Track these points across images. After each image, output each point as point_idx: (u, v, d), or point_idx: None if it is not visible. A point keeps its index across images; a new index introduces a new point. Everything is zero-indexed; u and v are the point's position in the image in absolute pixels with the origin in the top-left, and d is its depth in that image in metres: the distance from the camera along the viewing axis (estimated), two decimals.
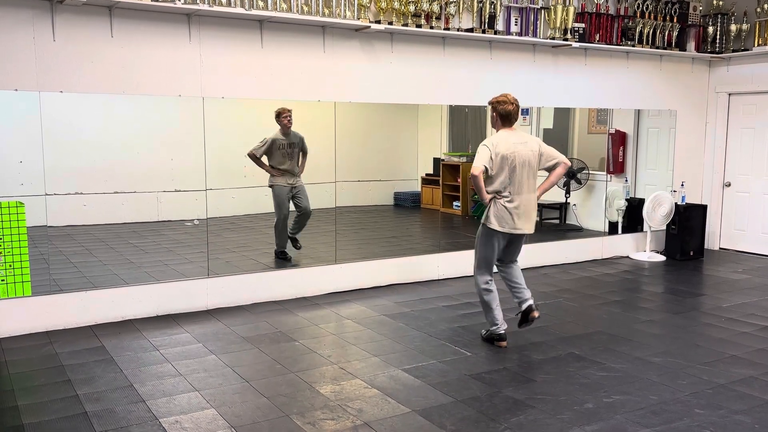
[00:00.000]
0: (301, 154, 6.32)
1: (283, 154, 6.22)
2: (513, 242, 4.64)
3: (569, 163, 4.63)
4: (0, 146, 5.11)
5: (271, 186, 6.23)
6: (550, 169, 4.60)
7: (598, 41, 7.10)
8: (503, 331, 4.60)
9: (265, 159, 6.19)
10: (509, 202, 4.48)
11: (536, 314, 4.65)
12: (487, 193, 4.51)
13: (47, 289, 4.89)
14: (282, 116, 6.13)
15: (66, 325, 4.90)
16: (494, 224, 4.49)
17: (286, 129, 6.18)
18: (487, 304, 4.62)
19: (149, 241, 6.30)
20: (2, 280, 4.72)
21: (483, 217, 4.58)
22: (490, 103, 4.62)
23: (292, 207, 6.33)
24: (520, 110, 4.63)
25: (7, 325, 4.70)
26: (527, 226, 4.56)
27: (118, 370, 4.06)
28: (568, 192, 8.09)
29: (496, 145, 4.47)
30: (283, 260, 6.25)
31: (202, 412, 3.47)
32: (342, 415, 3.46)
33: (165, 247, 6.26)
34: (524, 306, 4.65)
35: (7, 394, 3.71)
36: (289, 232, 6.36)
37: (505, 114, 4.54)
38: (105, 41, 4.88)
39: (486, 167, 4.44)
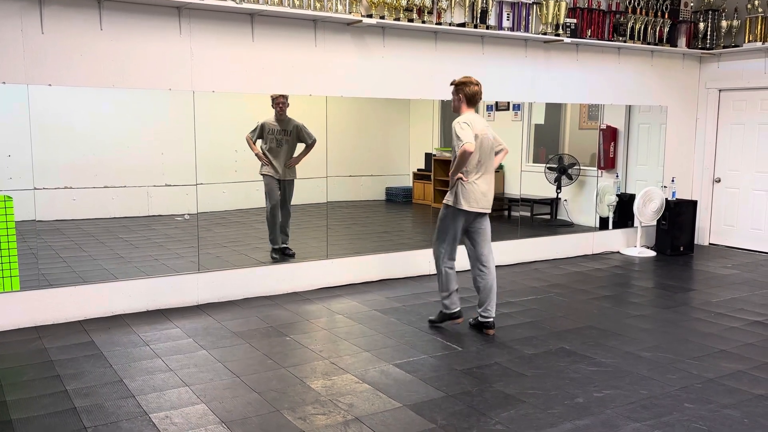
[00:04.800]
0: (304, 145, 6.15)
1: (272, 140, 6.07)
2: (479, 223, 4.71)
3: (509, 151, 4.89)
4: None
5: (262, 175, 6.15)
6: (495, 153, 4.78)
7: (589, 37, 7.11)
8: (457, 309, 4.75)
9: (260, 145, 6.11)
10: (479, 182, 4.60)
11: (492, 332, 4.74)
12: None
13: (36, 284, 4.86)
14: (275, 101, 5.98)
15: (55, 320, 4.87)
16: (464, 205, 4.59)
17: (279, 115, 6.02)
18: (447, 285, 4.73)
19: (139, 235, 6.27)
20: None
21: (450, 199, 4.64)
22: (454, 84, 4.69)
23: None
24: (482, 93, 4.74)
25: None
26: (490, 205, 4.73)
27: (108, 366, 4.04)
28: (559, 187, 8.11)
29: (471, 124, 4.55)
30: (276, 259, 6.13)
31: (193, 408, 3.46)
32: (333, 410, 3.46)
33: (155, 242, 6.23)
34: (484, 320, 4.75)
35: None
36: (280, 240, 6.22)
37: (471, 95, 4.64)
38: (94, 34, 4.84)
39: None
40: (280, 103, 5.98)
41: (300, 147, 6.19)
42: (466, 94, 4.62)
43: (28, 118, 4.73)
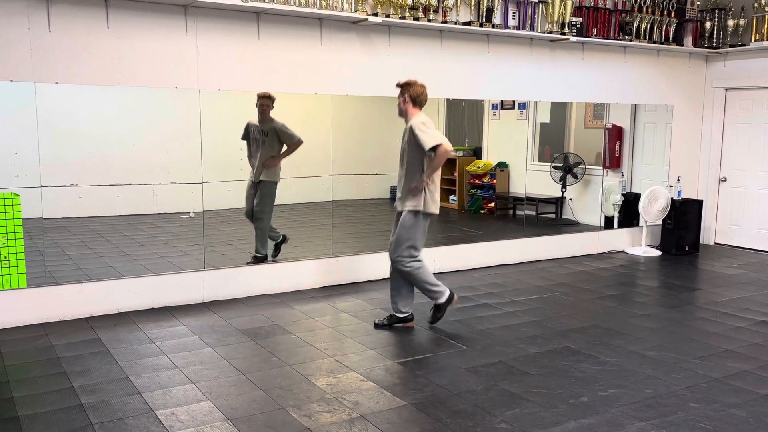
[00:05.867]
0: (285, 145, 5.97)
1: (252, 140, 5.97)
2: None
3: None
4: None
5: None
6: None
7: (595, 35, 7.10)
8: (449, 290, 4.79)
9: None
10: (438, 184, 4.68)
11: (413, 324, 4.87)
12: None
13: (43, 281, 4.88)
14: (258, 100, 5.81)
15: (61, 317, 4.89)
16: (433, 209, 4.64)
17: (260, 115, 5.91)
18: (427, 277, 4.71)
19: (145, 233, 6.28)
20: None
21: (418, 205, 4.59)
22: (400, 86, 4.67)
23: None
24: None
25: (2, 317, 4.69)
26: None
27: (114, 362, 4.05)
28: (564, 186, 8.09)
29: (432, 127, 4.57)
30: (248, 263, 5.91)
31: (198, 405, 3.47)
32: (338, 407, 3.46)
33: (161, 240, 6.24)
34: (405, 316, 4.85)
35: (3, 385, 3.70)
36: (258, 245, 6.02)
37: (416, 96, 4.63)
38: (101, 32, 4.86)
39: None
40: (262, 104, 5.83)
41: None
42: (411, 94, 4.61)
43: (35, 116, 4.74)
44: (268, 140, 5.96)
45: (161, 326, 4.78)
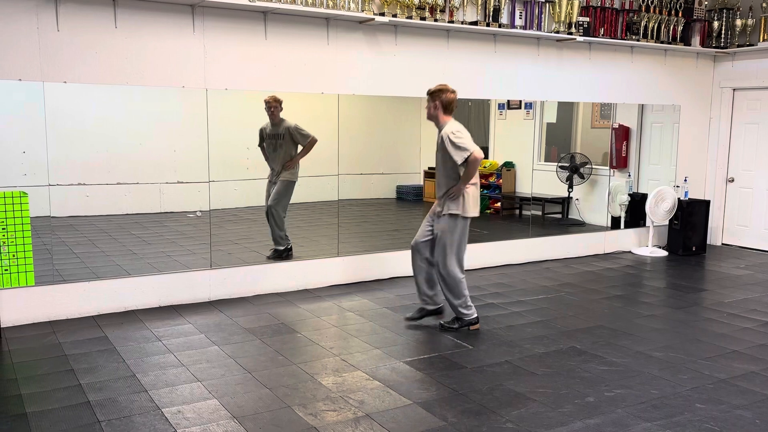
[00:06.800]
0: (298, 146, 6.05)
1: (268, 144, 6.05)
2: None
3: None
4: (3, 136, 5.11)
5: None
6: None
7: (602, 35, 7.08)
8: (475, 315, 4.79)
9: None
10: (476, 186, 4.65)
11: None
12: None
13: (50, 279, 4.91)
14: (266, 104, 5.88)
15: (69, 315, 4.92)
16: (471, 212, 4.62)
17: (271, 119, 5.97)
18: (464, 293, 4.70)
19: (152, 232, 6.30)
20: (6, 270, 4.73)
21: (458, 209, 4.58)
22: (431, 92, 4.63)
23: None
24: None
25: (10, 315, 4.72)
26: None
27: (121, 360, 4.07)
28: (570, 186, 8.08)
29: (464, 131, 4.55)
30: (268, 257, 6.02)
31: (205, 403, 3.49)
32: (344, 406, 3.47)
33: (167, 239, 6.26)
34: (438, 307, 4.87)
35: (11, 382, 3.73)
36: (276, 241, 6.11)
37: (448, 102, 4.59)
38: (109, 32, 4.88)
39: None
40: (271, 106, 5.89)
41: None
42: (443, 101, 4.57)
43: (43, 115, 4.77)
44: (284, 142, 6.04)
45: (168, 324, 4.80)
